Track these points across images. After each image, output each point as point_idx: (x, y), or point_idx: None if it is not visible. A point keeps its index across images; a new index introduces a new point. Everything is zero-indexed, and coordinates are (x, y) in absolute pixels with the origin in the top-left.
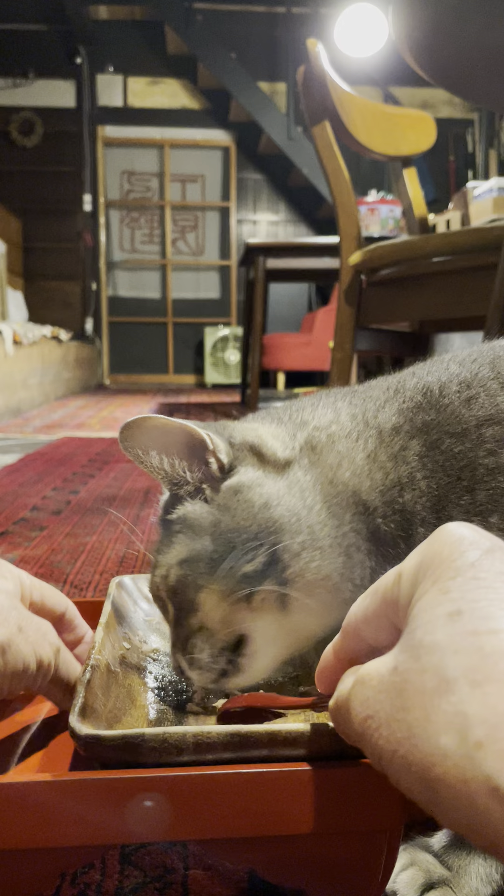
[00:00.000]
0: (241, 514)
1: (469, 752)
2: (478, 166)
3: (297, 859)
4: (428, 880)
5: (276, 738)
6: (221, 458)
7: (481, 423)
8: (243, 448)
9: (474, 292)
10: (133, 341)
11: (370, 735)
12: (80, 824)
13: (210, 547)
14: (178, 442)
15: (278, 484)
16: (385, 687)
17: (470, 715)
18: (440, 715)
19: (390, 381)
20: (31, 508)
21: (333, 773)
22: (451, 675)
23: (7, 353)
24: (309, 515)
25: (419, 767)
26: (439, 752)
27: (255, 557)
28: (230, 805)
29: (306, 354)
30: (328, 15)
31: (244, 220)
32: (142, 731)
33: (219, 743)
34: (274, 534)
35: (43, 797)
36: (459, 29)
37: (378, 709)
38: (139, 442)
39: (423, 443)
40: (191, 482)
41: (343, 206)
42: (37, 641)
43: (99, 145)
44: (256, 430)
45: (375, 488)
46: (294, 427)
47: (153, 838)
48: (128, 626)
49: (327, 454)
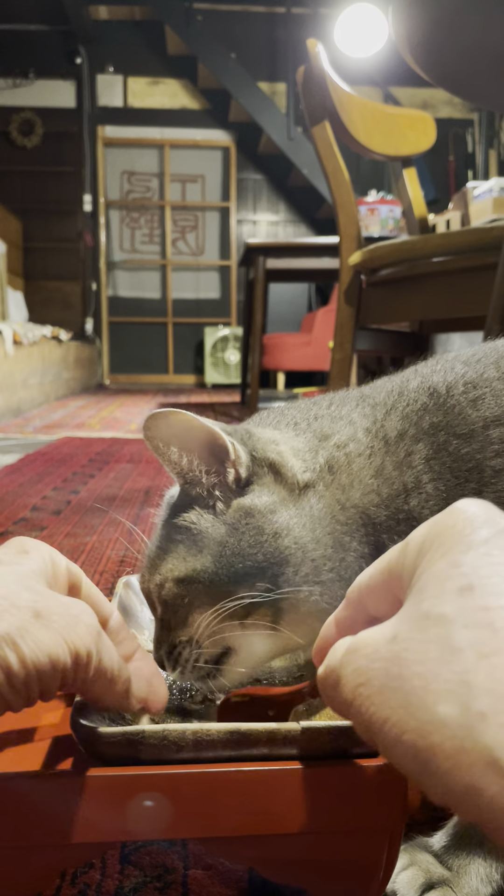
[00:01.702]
0: (249, 541)
1: (470, 721)
2: (478, 166)
3: (297, 858)
4: (428, 880)
5: (275, 737)
6: (241, 470)
7: (488, 423)
8: (263, 464)
9: (474, 292)
10: (133, 341)
11: (360, 703)
12: (81, 821)
13: (211, 568)
14: (201, 442)
15: (290, 513)
16: (382, 655)
17: (475, 685)
18: (442, 683)
19: (394, 383)
20: (31, 508)
21: (333, 772)
22: (457, 645)
23: (7, 353)
24: (315, 549)
25: (414, 736)
26: (437, 720)
27: (254, 583)
28: (230, 803)
29: (306, 354)
30: (328, 15)
31: (244, 220)
32: (142, 729)
33: (218, 741)
34: (278, 565)
35: (43, 794)
36: (459, 29)
37: (372, 676)
38: (162, 434)
39: (430, 445)
40: (205, 484)
41: (343, 206)
42: (66, 627)
43: (99, 145)
44: (278, 444)
45: (382, 503)
46: (315, 440)
47: (153, 836)
48: (135, 624)
49: (342, 475)
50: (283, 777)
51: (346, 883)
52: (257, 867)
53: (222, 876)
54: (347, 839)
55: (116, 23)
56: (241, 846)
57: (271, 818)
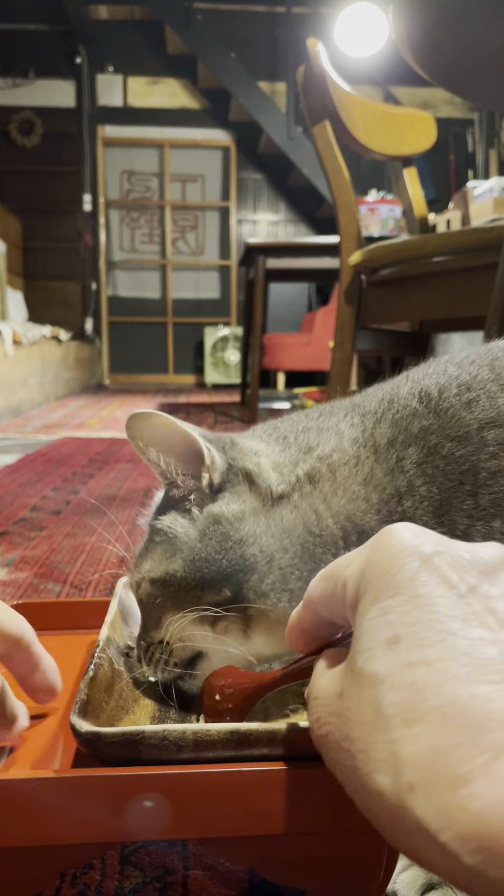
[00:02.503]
0: (215, 546)
1: (401, 793)
2: (478, 166)
3: (297, 859)
4: (428, 881)
5: (275, 737)
6: (214, 476)
7: (483, 426)
8: (239, 473)
9: (474, 292)
10: (133, 341)
11: (324, 752)
12: (80, 822)
13: (181, 572)
14: (179, 446)
15: (259, 521)
16: (333, 710)
17: (402, 756)
18: (378, 752)
19: (385, 390)
20: (31, 508)
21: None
22: (387, 711)
23: (7, 353)
24: (283, 558)
25: (361, 797)
26: (376, 789)
27: (221, 590)
28: (230, 803)
29: (306, 354)
30: (328, 15)
31: (244, 220)
32: (141, 729)
33: (219, 741)
34: (242, 572)
35: (43, 794)
36: (459, 29)
37: (329, 730)
38: (142, 434)
39: (421, 449)
40: (182, 487)
41: (343, 206)
42: None
43: (99, 145)
44: (259, 456)
45: (371, 509)
46: (298, 453)
47: (153, 836)
48: (134, 624)
49: (324, 484)
50: (282, 777)
51: (347, 883)
52: (257, 868)
53: (222, 876)
54: (347, 839)
55: (116, 22)
56: (241, 847)
57: (271, 818)
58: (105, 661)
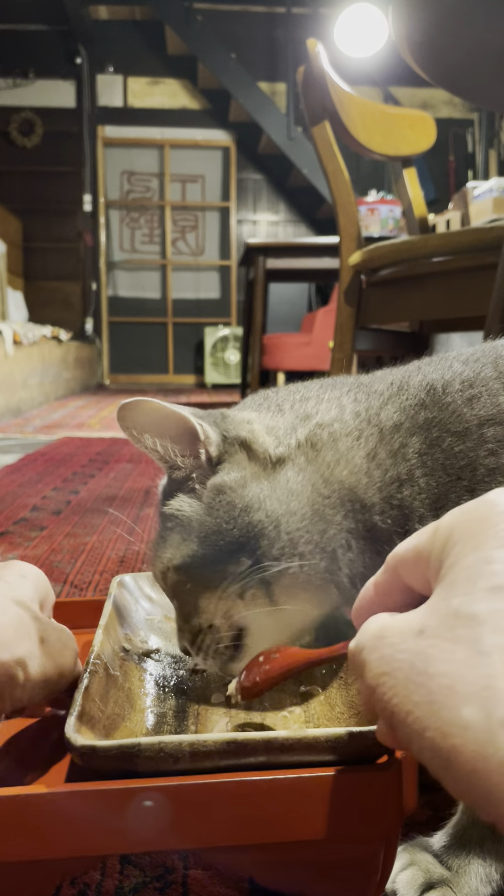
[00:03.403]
0: (223, 517)
1: (492, 727)
2: (478, 166)
3: (294, 864)
4: (428, 880)
5: (272, 745)
6: (211, 450)
7: (483, 422)
8: (235, 442)
9: (474, 292)
10: (133, 341)
11: (384, 692)
12: (78, 835)
13: (199, 552)
14: (172, 427)
15: (262, 486)
16: (408, 647)
17: (500, 690)
18: (467, 686)
19: (395, 376)
20: (32, 508)
21: (327, 780)
22: (486, 649)
23: (7, 353)
24: (290, 522)
25: (436, 734)
26: (460, 722)
27: (240, 559)
28: (227, 813)
29: (306, 354)
30: (328, 15)
31: (244, 220)
32: (137, 741)
33: (215, 751)
34: (254, 539)
35: (39, 809)
36: (459, 29)
37: (396, 667)
38: (135, 423)
39: (424, 440)
40: (182, 468)
41: (343, 206)
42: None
43: (99, 145)
44: (251, 423)
45: (374, 485)
46: (295, 419)
47: (151, 848)
48: (129, 625)
49: (326, 452)
50: (279, 785)
51: (344, 884)
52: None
53: (222, 876)
54: (344, 845)
55: (116, 23)
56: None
57: (268, 827)
58: (100, 667)
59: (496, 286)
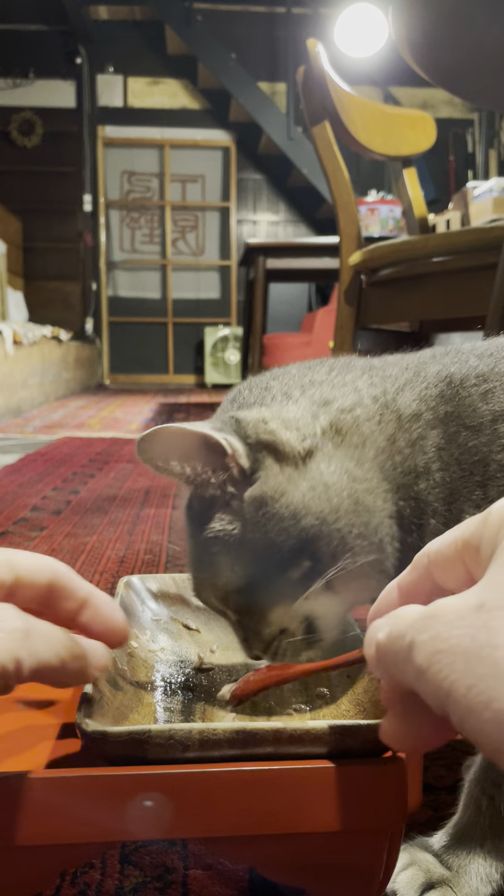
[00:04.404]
0: (273, 530)
1: None
2: (478, 166)
3: (298, 858)
4: (428, 880)
5: (281, 736)
6: (241, 462)
7: (497, 418)
8: (260, 448)
9: (474, 292)
10: (133, 341)
11: (439, 669)
12: (86, 821)
13: (257, 570)
14: (196, 448)
15: (300, 488)
16: (467, 622)
17: None
18: None
19: (408, 361)
20: (32, 508)
21: (333, 772)
22: None
23: (7, 353)
24: (338, 519)
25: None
26: None
27: (299, 565)
28: (233, 802)
29: (306, 354)
30: (328, 15)
31: (244, 220)
32: (148, 728)
33: (224, 740)
34: (309, 543)
35: (48, 793)
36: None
37: (455, 643)
38: (157, 453)
39: (443, 434)
40: (215, 484)
41: (343, 206)
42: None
43: (99, 145)
44: (267, 422)
45: (396, 469)
46: (313, 406)
47: (158, 835)
48: (136, 625)
49: (352, 436)
50: (283, 777)
51: (347, 883)
52: (257, 867)
53: (222, 876)
54: (348, 839)
55: (116, 23)
56: (242, 846)
57: (272, 818)
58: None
59: (496, 286)
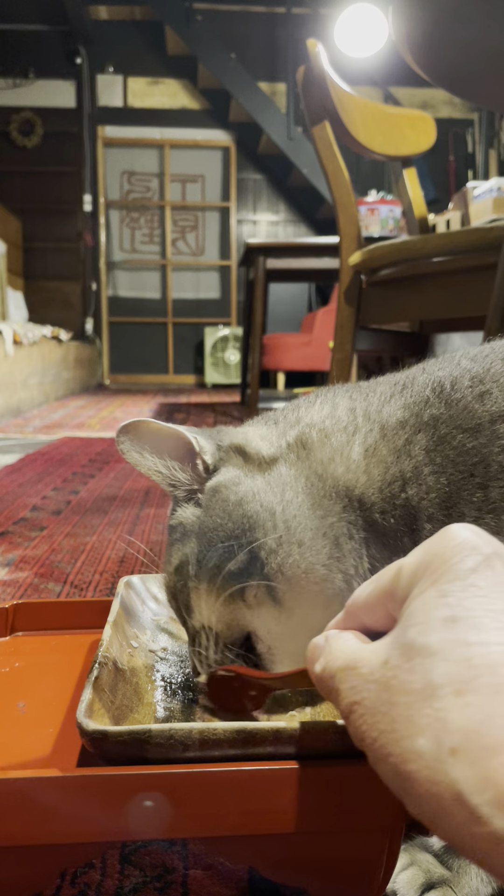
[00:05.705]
0: (218, 513)
1: (442, 756)
2: (478, 166)
3: (298, 858)
4: (428, 880)
5: (281, 735)
6: (206, 459)
7: (495, 419)
8: (230, 450)
9: (474, 292)
10: (133, 341)
11: (355, 719)
12: (86, 821)
13: (196, 549)
14: (170, 444)
15: (256, 481)
16: (374, 678)
17: (448, 722)
18: (422, 717)
19: (399, 377)
20: (31, 508)
21: (333, 772)
22: (437, 681)
23: (7, 353)
24: (286, 511)
25: (396, 760)
26: (415, 751)
27: (237, 555)
28: (233, 803)
29: (306, 354)
30: (328, 15)
31: (244, 220)
32: (148, 728)
33: (224, 739)
34: (249, 531)
35: (49, 793)
36: (458, 29)
37: (365, 696)
38: (135, 444)
39: (431, 437)
40: (183, 482)
41: (343, 206)
42: None
43: (99, 145)
44: (246, 432)
45: (373, 485)
46: (286, 426)
47: (158, 835)
48: (136, 625)
49: (318, 449)
50: (283, 776)
51: (347, 882)
52: (258, 867)
53: (222, 876)
54: (348, 838)
55: (116, 23)
56: (242, 846)
57: (272, 817)
58: (109, 660)
59: (496, 286)
